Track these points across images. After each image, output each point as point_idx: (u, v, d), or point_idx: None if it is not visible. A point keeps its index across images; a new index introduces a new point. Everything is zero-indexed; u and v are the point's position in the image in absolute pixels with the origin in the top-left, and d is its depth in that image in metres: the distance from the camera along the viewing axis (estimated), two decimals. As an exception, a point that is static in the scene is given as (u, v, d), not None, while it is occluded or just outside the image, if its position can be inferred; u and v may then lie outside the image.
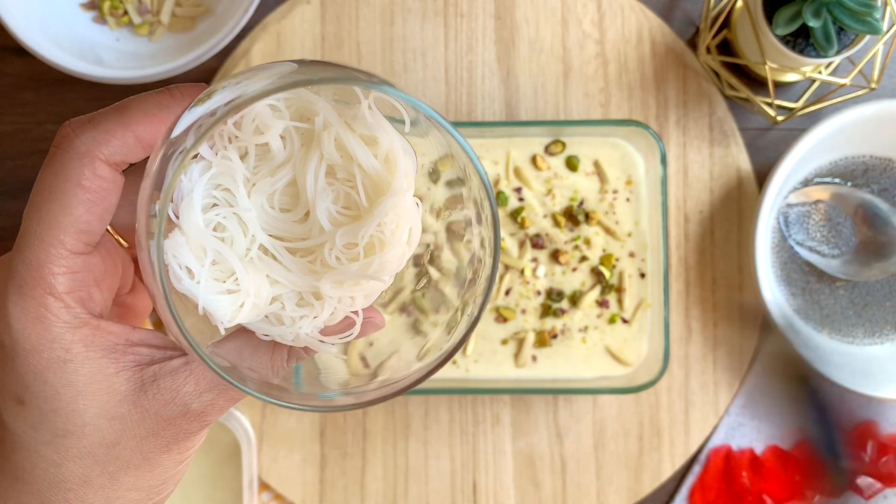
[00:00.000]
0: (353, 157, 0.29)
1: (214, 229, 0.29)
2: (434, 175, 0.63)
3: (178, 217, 0.28)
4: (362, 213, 0.29)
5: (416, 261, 0.57)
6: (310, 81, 0.27)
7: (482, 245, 0.33)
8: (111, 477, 0.32)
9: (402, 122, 0.29)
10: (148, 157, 0.30)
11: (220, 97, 0.27)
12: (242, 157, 0.29)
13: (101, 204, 0.30)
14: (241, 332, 0.31)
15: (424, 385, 0.62)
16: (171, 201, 0.28)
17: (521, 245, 0.61)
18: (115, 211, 0.31)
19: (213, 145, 0.29)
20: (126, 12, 0.65)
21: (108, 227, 0.32)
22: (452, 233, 0.60)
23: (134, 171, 0.31)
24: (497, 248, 0.30)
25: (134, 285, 0.36)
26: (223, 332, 0.29)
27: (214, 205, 0.29)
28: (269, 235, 0.30)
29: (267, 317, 0.30)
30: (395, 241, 0.30)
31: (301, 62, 0.29)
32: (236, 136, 0.28)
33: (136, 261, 0.34)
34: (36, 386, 0.30)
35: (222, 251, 0.28)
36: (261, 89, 0.25)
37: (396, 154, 0.30)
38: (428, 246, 0.60)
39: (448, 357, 0.31)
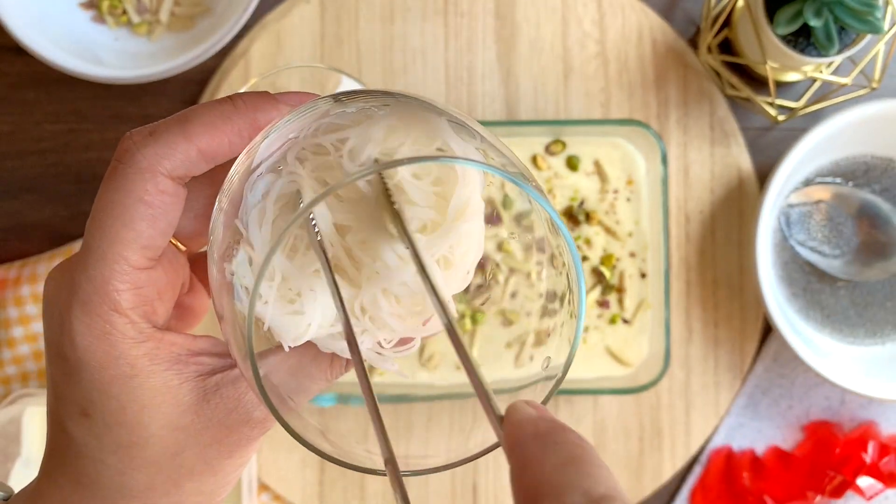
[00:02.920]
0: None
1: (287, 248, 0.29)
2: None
3: (247, 232, 0.27)
4: (437, 233, 0.29)
5: (483, 263, 0.54)
6: (432, 158, 0.27)
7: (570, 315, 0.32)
8: (175, 484, 0.32)
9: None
10: (211, 168, 0.30)
11: (303, 123, 0.27)
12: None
13: (164, 219, 0.30)
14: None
15: (428, 391, 0.62)
16: (243, 222, 0.28)
17: (527, 248, 0.61)
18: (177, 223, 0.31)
19: (282, 166, 0.28)
20: (125, 11, 0.64)
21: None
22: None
23: (196, 180, 0.31)
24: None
25: (192, 285, 0.35)
26: (287, 350, 0.30)
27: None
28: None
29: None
30: (463, 262, 0.30)
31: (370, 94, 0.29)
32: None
33: (192, 261, 0.34)
34: (101, 401, 0.30)
35: (291, 275, 0.28)
36: (385, 162, 0.26)
37: (473, 177, 0.29)
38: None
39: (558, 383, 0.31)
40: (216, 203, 0.29)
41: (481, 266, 0.62)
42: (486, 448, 0.29)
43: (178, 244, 0.33)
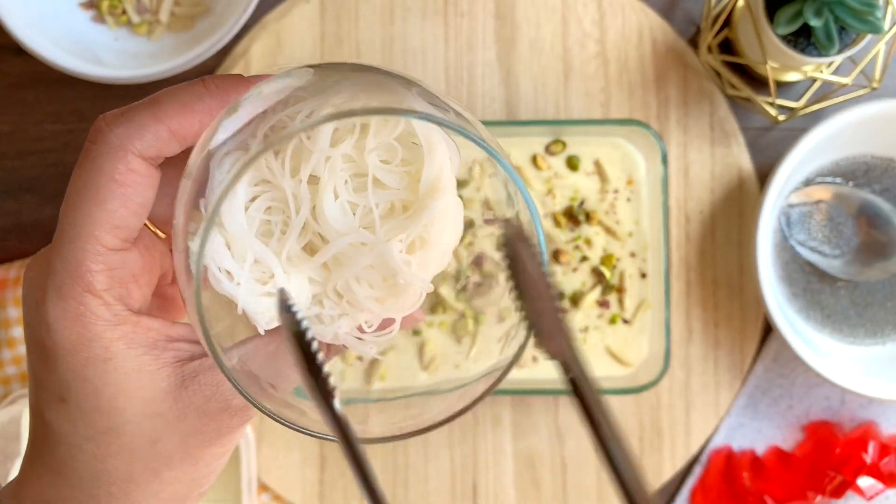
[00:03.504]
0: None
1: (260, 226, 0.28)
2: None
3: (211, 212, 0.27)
4: (408, 213, 0.29)
5: (480, 261, 0.54)
6: (378, 111, 0.26)
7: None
8: (154, 472, 0.32)
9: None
10: (184, 151, 0.30)
11: (260, 103, 0.27)
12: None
13: (136, 199, 0.29)
14: (279, 328, 0.31)
15: (428, 389, 0.62)
16: (208, 201, 0.27)
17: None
18: (152, 205, 0.30)
19: (250, 142, 0.28)
20: (125, 11, 0.64)
21: (146, 221, 0.31)
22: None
23: (171, 165, 0.30)
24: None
25: (175, 276, 0.36)
26: (262, 334, 0.29)
27: (254, 198, 0.28)
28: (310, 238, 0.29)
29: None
30: (439, 241, 0.30)
31: (341, 66, 0.29)
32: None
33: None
34: (77, 384, 0.30)
35: (263, 254, 0.28)
36: (331, 113, 0.25)
37: (441, 152, 0.29)
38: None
39: (506, 370, 0.30)
40: (180, 185, 0.28)
41: (480, 265, 0.63)
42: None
43: (157, 231, 0.33)
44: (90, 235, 0.29)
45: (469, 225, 0.61)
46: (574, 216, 0.61)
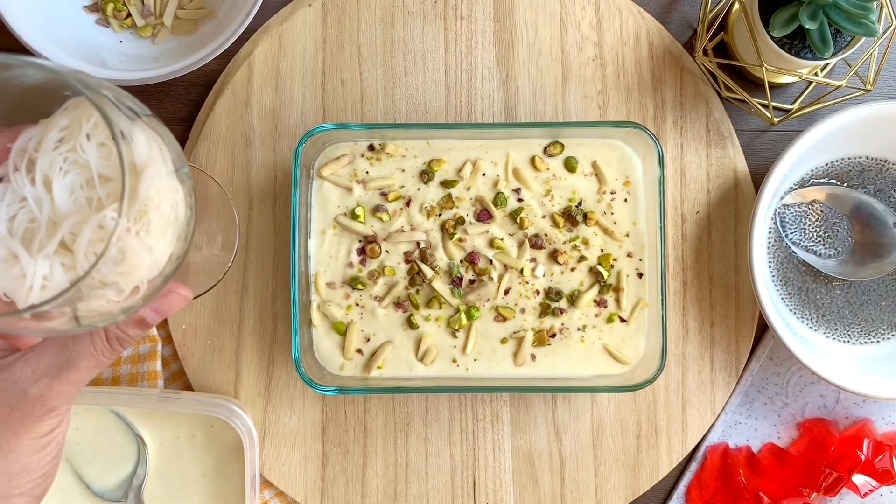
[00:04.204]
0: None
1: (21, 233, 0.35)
2: (426, 175, 0.64)
3: None
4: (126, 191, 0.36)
5: (407, 258, 0.61)
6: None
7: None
8: None
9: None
10: None
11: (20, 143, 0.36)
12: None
13: None
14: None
15: (425, 384, 0.63)
16: None
17: (520, 245, 0.62)
18: None
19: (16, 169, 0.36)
20: (129, 15, 0.65)
21: None
22: (445, 231, 0.62)
23: None
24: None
25: None
26: (26, 316, 0.34)
27: (14, 216, 0.36)
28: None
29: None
30: (159, 210, 0.36)
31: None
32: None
33: None
34: None
35: (12, 246, 0.35)
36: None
37: (141, 143, 0.36)
38: (419, 244, 0.62)
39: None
40: None
41: (473, 262, 0.64)
42: None
43: None
44: None
45: (460, 222, 0.62)
46: (572, 217, 0.61)
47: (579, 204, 0.62)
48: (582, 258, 0.61)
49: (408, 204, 0.62)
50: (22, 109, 0.38)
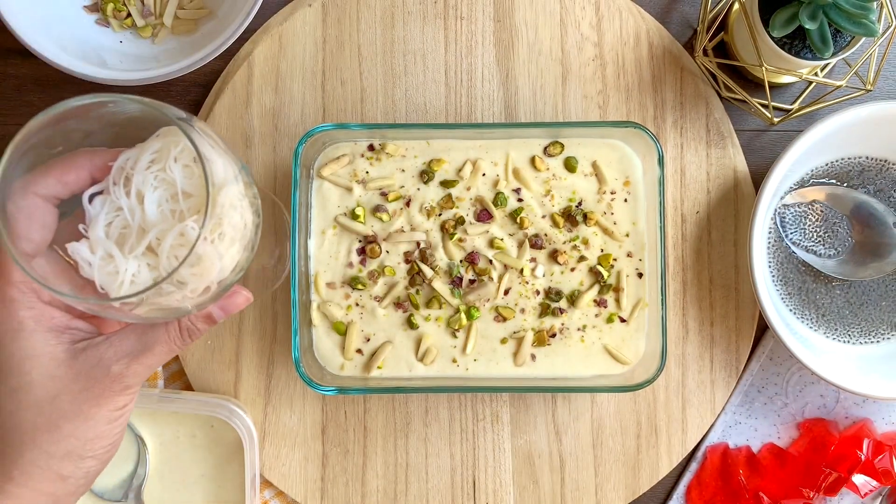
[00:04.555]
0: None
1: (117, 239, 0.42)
2: (426, 175, 0.64)
3: (87, 231, 0.42)
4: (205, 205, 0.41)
5: (407, 258, 0.62)
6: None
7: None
8: (55, 424, 0.43)
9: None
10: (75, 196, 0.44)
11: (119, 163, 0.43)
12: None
13: (37, 220, 0.42)
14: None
15: (425, 384, 0.63)
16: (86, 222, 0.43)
17: (520, 245, 0.62)
18: (54, 228, 0.43)
19: (115, 183, 0.43)
20: (129, 15, 0.65)
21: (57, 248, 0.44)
22: (445, 231, 0.62)
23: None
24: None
25: None
26: (117, 304, 0.41)
27: (111, 222, 0.43)
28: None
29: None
30: (231, 222, 0.42)
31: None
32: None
33: None
34: None
35: (108, 247, 0.42)
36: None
37: (217, 164, 0.42)
38: (419, 244, 0.63)
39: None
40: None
41: (473, 262, 0.65)
42: None
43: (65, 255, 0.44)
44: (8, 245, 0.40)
45: (460, 222, 0.62)
46: (572, 217, 0.61)
47: (579, 204, 0.62)
48: (582, 258, 0.62)
49: (408, 204, 0.62)
50: (123, 135, 0.44)
